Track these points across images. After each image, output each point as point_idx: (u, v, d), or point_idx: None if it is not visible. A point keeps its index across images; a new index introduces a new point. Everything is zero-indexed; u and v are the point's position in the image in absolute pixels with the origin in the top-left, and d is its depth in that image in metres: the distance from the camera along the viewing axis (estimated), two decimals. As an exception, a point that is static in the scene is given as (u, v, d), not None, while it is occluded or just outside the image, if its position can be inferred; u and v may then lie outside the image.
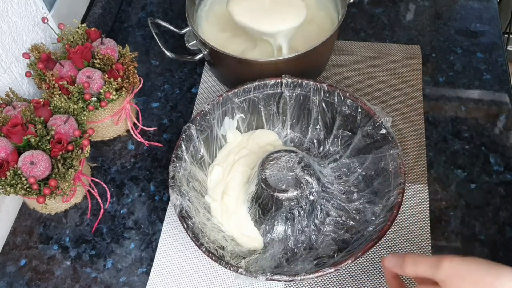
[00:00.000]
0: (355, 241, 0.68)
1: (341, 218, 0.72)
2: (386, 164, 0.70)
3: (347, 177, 0.76)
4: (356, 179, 0.75)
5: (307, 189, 0.68)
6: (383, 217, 0.66)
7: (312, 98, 0.77)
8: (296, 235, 0.71)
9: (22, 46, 0.79)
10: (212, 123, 0.77)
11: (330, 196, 0.73)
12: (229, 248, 0.69)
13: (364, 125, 0.74)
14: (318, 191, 0.70)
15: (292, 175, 0.70)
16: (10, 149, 0.67)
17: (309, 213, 0.70)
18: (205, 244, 0.64)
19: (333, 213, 0.73)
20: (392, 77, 0.92)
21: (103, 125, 0.84)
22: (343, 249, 0.68)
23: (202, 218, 0.71)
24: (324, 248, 0.70)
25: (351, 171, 0.76)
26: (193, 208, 0.70)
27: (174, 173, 0.69)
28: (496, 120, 0.85)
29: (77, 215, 0.79)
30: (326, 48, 0.88)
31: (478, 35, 0.97)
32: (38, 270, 0.74)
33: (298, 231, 0.71)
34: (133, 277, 0.73)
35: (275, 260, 0.69)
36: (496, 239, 0.73)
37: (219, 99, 0.76)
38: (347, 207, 0.73)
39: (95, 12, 0.97)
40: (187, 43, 0.92)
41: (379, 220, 0.66)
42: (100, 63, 0.78)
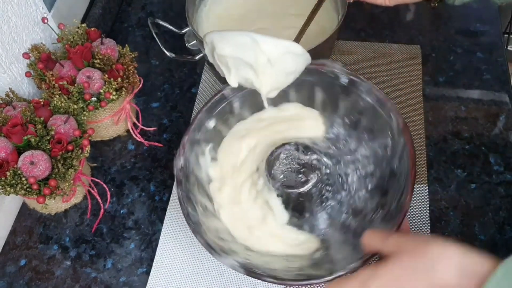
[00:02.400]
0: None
1: (360, 171, 0.71)
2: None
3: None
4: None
5: (321, 166, 0.69)
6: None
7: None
8: (339, 209, 0.69)
9: (22, 46, 0.79)
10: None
11: (339, 159, 0.73)
12: (280, 266, 0.65)
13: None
14: (331, 162, 0.71)
15: (301, 164, 0.70)
16: (10, 149, 0.67)
17: (336, 184, 0.70)
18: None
19: (351, 172, 0.72)
20: (392, 77, 0.92)
21: (103, 125, 0.84)
22: (383, 194, 0.67)
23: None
24: (367, 201, 0.69)
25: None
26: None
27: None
28: (496, 120, 0.85)
29: (77, 215, 0.79)
30: (326, 48, 0.88)
31: (478, 35, 0.97)
32: (38, 270, 0.74)
33: (338, 204, 0.70)
34: (133, 277, 0.73)
35: (350, 241, 0.66)
36: (496, 239, 0.73)
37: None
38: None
39: (95, 12, 0.98)
40: (187, 43, 0.92)
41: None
42: (100, 63, 0.78)
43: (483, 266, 0.45)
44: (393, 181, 0.67)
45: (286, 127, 0.76)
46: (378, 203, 0.67)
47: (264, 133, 0.76)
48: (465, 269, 0.45)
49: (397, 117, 0.67)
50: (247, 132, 0.76)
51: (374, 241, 0.53)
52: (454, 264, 0.45)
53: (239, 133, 0.76)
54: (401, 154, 0.66)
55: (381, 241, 0.52)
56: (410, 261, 0.47)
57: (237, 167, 0.74)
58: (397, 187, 0.65)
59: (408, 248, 0.48)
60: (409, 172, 0.63)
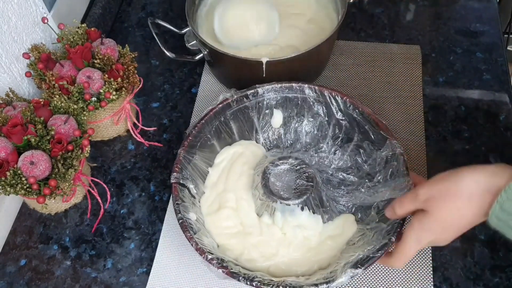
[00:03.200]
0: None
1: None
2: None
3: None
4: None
5: (315, 157, 0.78)
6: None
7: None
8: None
9: (22, 46, 0.79)
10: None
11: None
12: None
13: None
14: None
15: (298, 167, 0.73)
16: (10, 149, 0.67)
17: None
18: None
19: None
20: (392, 77, 0.92)
21: (103, 125, 0.84)
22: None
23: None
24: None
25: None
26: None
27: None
28: (496, 120, 0.85)
29: (77, 215, 0.79)
30: (326, 48, 0.88)
31: (478, 35, 0.97)
32: (38, 270, 0.74)
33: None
34: (133, 277, 0.73)
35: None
36: (496, 239, 0.73)
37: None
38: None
39: (95, 12, 0.97)
40: (187, 43, 0.92)
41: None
42: (100, 63, 0.78)
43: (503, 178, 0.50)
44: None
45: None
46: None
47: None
48: (493, 187, 0.50)
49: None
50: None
51: (405, 204, 0.58)
52: (487, 189, 0.50)
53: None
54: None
55: (411, 201, 0.56)
56: (449, 204, 0.53)
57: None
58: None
59: (440, 194, 0.53)
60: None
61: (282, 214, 0.70)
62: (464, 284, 0.69)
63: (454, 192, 0.52)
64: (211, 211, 0.73)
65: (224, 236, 0.71)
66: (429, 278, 0.70)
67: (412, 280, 0.69)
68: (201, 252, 0.62)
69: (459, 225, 0.54)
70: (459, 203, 0.52)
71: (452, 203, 0.53)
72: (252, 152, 0.79)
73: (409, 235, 0.58)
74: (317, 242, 0.70)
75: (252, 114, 0.79)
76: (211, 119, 0.75)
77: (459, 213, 0.53)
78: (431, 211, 0.55)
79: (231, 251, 0.70)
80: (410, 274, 0.70)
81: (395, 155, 0.70)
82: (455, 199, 0.52)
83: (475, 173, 0.52)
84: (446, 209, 0.53)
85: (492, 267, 0.70)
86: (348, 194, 0.75)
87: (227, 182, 0.76)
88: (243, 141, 0.80)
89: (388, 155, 0.71)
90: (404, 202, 0.58)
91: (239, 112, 0.78)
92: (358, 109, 0.75)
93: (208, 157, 0.77)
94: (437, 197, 0.54)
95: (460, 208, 0.52)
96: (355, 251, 0.66)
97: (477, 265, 0.71)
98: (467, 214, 0.53)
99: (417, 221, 0.56)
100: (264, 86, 0.77)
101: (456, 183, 0.52)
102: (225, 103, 0.76)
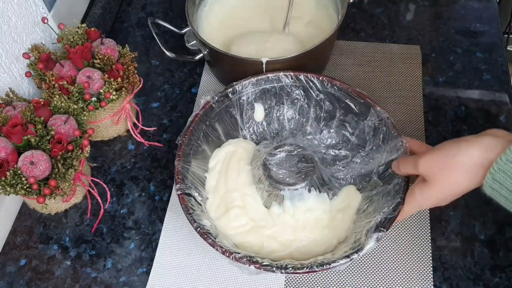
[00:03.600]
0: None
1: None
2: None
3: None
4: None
5: (304, 140, 0.80)
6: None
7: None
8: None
9: (22, 46, 0.79)
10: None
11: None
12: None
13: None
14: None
15: (295, 151, 0.75)
16: (10, 149, 0.67)
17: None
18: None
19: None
20: (392, 77, 0.92)
21: (103, 125, 0.84)
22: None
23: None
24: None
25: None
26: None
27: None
28: (496, 120, 0.85)
29: (77, 215, 0.79)
30: (326, 48, 0.88)
31: (478, 35, 0.97)
32: (38, 270, 0.74)
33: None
34: (133, 277, 0.73)
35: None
36: (496, 239, 0.73)
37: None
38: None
39: (95, 12, 0.97)
40: (187, 43, 0.92)
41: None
42: (100, 63, 0.78)
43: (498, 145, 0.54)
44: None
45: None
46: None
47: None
48: (486, 161, 0.54)
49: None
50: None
51: (407, 168, 0.64)
52: (481, 163, 0.55)
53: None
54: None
55: (413, 168, 0.61)
56: (447, 177, 0.58)
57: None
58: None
59: (439, 167, 0.58)
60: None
61: (291, 201, 0.71)
62: (464, 284, 0.69)
63: (451, 166, 0.57)
64: (219, 215, 0.73)
65: (239, 236, 0.71)
66: (429, 278, 0.70)
67: (412, 280, 0.69)
68: (228, 254, 0.62)
69: (457, 191, 0.59)
70: (456, 175, 0.57)
71: (450, 176, 0.58)
72: (243, 148, 0.80)
73: (410, 201, 0.64)
74: (329, 219, 0.72)
75: (235, 112, 0.80)
76: (197, 124, 0.75)
77: (456, 184, 0.58)
78: (430, 182, 0.60)
79: (250, 247, 0.70)
80: (410, 274, 0.70)
81: (382, 121, 0.73)
82: (452, 172, 0.57)
83: (470, 147, 0.56)
84: (444, 181, 0.58)
85: (492, 267, 0.70)
86: (345, 168, 0.77)
87: (227, 183, 0.76)
88: (231, 140, 0.81)
89: (376, 123, 0.74)
90: (407, 166, 0.64)
91: (222, 112, 0.78)
92: (336, 85, 0.76)
93: (202, 163, 0.77)
94: (435, 169, 0.59)
95: (457, 180, 0.57)
96: (368, 217, 0.68)
97: (477, 265, 0.71)
98: (463, 183, 0.57)
99: (418, 190, 0.62)
100: (242, 82, 0.78)
101: (453, 157, 0.57)
102: (207, 107, 0.76)
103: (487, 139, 0.55)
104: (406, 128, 0.84)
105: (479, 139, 0.56)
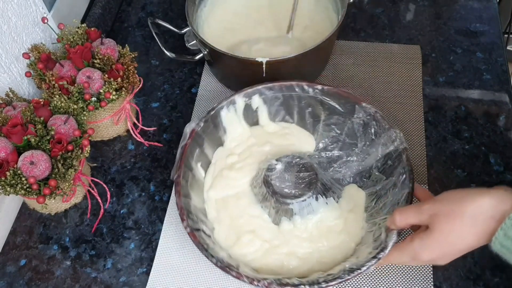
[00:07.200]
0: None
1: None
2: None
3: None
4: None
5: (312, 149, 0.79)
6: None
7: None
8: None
9: (22, 46, 0.79)
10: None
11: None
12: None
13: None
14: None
15: (293, 161, 0.73)
16: (10, 149, 0.67)
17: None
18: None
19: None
20: (392, 77, 0.92)
21: (103, 125, 0.84)
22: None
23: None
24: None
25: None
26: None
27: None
28: (496, 120, 0.85)
29: (77, 215, 0.79)
30: (326, 48, 0.88)
31: (478, 35, 0.97)
32: (38, 270, 0.74)
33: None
34: (133, 277, 0.73)
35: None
36: (496, 239, 0.73)
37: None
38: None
39: (95, 12, 0.97)
40: (187, 43, 0.92)
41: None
42: (100, 63, 0.78)
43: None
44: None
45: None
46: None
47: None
48: (498, 213, 0.50)
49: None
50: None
51: (408, 217, 0.57)
52: (491, 215, 0.50)
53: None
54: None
55: (415, 215, 0.56)
56: (451, 226, 0.52)
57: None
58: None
59: (444, 213, 0.53)
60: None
61: (300, 214, 0.70)
62: (464, 284, 0.69)
63: (458, 214, 0.52)
64: (231, 243, 0.70)
65: (257, 260, 0.69)
66: (429, 278, 0.70)
67: (412, 280, 0.69)
68: (256, 282, 0.60)
69: (460, 247, 0.54)
70: (462, 225, 0.52)
71: (455, 225, 0.52)
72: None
73: (406, 250, 0.58)
74: (342, 223, 0.71)
75: (221, 133, 0.78)
76: (188, 155, 0.72)
77: (461, 236, 0.53)
78: (432, 229, 0.54)
79: (271, 269, 0.68)
80: (410, 274, 0.70)
81: (371, 116, 0.72)
82: (458, 221, 0.52)
83: (481, 197, 0.51)
84: (448, 230, 0.53)
85: (492, 267, 0.70)
86: (341, 168, 0.76)
87: (229, 209, 0.74)
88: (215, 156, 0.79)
89: (364, 119, 0.73)
90: (407, 213, 0.58)
91: (209, 136, 0.76)
92: (317, 88, 0.76)
93: (199, 192, 0.75)
94: (440, 215, 0.53)
95: (463, 231, 0.52)
96: (380, 213, 0.68)
97: (477, 265, 0.71)
98: (468, 237, 0.52)
99: (418, 238, 0.56)
100: (222, 103, 0.76)
101: (461, 205, 0.52)
102: (194, 135, 0.73)
103: (499, 191, 0.51)
104: (406, 128, 0.84)
105: (491, 190, 0.52)
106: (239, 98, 0.76)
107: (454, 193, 0.54)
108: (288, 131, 0.80)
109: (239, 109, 0.77)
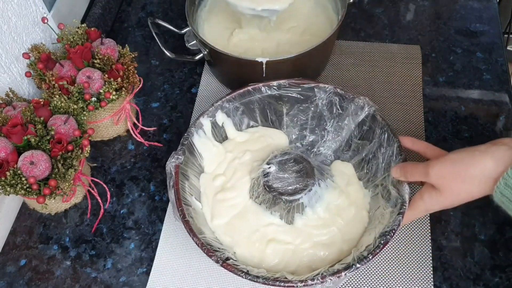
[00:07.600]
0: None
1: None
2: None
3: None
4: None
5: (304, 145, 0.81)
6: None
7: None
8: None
9: (22, 46, 0.79)
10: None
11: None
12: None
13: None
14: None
15: (283, 158, 0.75)
16: (10, 149, 0.67)
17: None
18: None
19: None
20: (392, 77, 0.92)
21: (103, 125, 0.84)
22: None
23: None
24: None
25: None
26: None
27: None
28: (496, 120, 0.85)
29: (77, 215, 0.79)
30: (326, 48, 0.88)
31: (478, 35, 0.97)
32: (38, 270, 0.74)
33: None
34: (133, 277, 0.73)
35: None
36: (496, 239, 0.73)
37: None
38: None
39: (95, 12, 0.97)
40: (187, 43, 0.92)
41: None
42: (100, 63, 0.78)
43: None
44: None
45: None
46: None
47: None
48: (499, 174, 0.54)
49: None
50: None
51: (415, 175, 0.63)
52: (494, 177, 0.55)
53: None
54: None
55: (422, 177, 0.61)
56: (460, 186, 0.59)
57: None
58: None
59: (452, 177, 0.58)
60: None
61: (310, 206, 0.72)
62: (464, 284, 0.69)
63: (464, 178, 0.57)
64: (258, 260, 0.69)
65: (290, 264, 0.69)
66: (429, 278, 0.70)
67: (412, 280, 0.69)
68: (279, 282, 0.60)
69: (466, 199, 0.60)
70: (467, 185, 0.58)
71: (462, 187, 0.58)
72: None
73: (418, 205, 0.64)
74: (346, 197, 0.73)
75: (199, 161, 0.77)
76: (182, 194, 0.69)
77: (467, 193, 0.59)
78: (441, 190, 0.60)
79: (307, 266, 0.68)
80: (410, 274, 0.70)
81: (332, 92, 0.75)
82: (465, 184, 0.58)
83: (484, 159, 0.56)
84: (455, 190, 0.59)
85: (492, 267, 0.70)
86: (320, 150, 0.79)
87: (241, 230, 0.72)
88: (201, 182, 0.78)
89: (326, 97, 0.76)
90: (415, 173, 0.63)
91: (191, 168, 0.74)
92: (274, 85, 0.77)
93: (206, 225, 0.72)
94: (447, 178, 0.59)
95: (469, 189, 0.58)
96: (376, 176, 0.72)
97: (477, 265, 0.71)
98: (474, 193, 0.58)
99: (428, 195, 0.62)
100: (191, 130, 0.74)
101: (466, 170, 0.57)
102: (178, 170, 0.70)
103: (501, 150, 0.55)
104: (406, 128, 0.84)
105: (493, 149, 0.56)
106: (204, 119, 0.76)
107: (458, 156, 0.59)
108: (259, 134, 0.81)
109: (207, 130, 0.77)
